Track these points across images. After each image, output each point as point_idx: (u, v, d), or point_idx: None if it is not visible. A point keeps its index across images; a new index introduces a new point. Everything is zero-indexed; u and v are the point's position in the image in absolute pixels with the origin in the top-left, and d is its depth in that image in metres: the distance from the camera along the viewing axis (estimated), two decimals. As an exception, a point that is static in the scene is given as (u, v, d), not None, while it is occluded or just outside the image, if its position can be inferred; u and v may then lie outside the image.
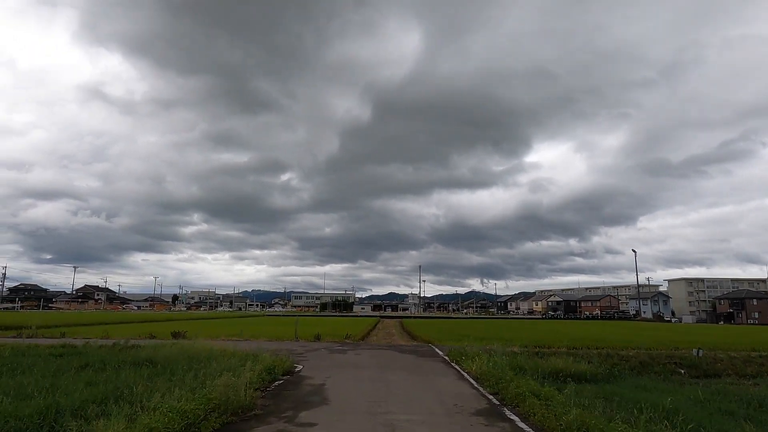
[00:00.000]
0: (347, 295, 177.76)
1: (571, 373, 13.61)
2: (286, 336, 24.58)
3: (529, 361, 14.34)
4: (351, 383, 11.07)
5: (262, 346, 19.25)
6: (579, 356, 17.02)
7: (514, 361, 13.64)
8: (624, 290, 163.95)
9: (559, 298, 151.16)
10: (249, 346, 18.03)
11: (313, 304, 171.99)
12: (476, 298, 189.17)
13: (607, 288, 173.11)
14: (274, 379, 11.13)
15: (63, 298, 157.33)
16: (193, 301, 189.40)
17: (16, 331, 24.40)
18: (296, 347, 19.42)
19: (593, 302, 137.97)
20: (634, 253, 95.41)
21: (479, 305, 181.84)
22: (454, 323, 54.88)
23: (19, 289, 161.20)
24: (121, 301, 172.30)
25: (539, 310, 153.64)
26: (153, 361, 13.39)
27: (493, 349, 16.07)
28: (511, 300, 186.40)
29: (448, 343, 23.38)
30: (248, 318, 65.07)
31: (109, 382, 10.19)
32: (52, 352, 15.99)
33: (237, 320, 52.47)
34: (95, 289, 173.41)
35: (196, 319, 52.95)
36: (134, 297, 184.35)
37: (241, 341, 22.19)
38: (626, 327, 50.66)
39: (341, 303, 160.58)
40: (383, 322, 63.65)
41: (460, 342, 23.68)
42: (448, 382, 11.68)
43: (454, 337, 27.54)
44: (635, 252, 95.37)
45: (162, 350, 14.76)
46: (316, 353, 17.40)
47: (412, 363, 15.18)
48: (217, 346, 16.18)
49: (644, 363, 17.22)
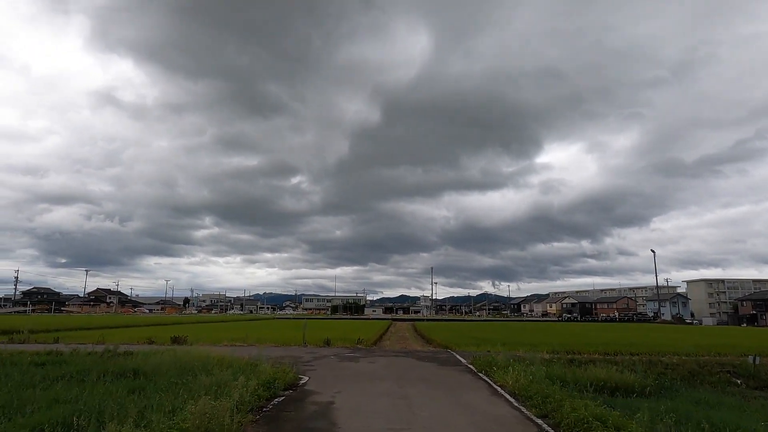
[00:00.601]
0: (358, 298, 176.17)
1: (617, 384, 11.82)
2: (293, 341, 22.93)
3: (566, 370, 12.54)
4: (365, 400, 9.31)
5: (266, 352, 17.60)
6: (617, 363, 15.14)
7: (550, 371, 11.84)
8: (640, 292, 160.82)
9: (573, 300, 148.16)
10: (251, 353, 16.38)
11: (324, 306, 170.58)
12: (488, 301, 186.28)
13: (623, 290, 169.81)
14: (273, 395, 9.41)
15: (75, 302, 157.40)
16: (205, 304, 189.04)
17: (8, 336, 23.03)
18: (303, 354, 17.74)
19: (609, 304, 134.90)
20: (652, 254, 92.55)
21: (492, 307, 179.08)
22: (468, 326, 52.93)
23: (32, 292, 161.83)
24: (133, 305, 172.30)
25: (553, 312, 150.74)
26: (139, 371, 11.83)
27: (522, 357, 14.31)
28: (525, 302, 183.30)
29: (468, 349, 21.58)
30: (257, 321, 63.68)
31: (79, 399, 8.60)
32: (34, 360, 14.51)
33: (245, 324, 51.02)
34: (107, 292, 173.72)
35: (204, 323, 51.60)
36: (146, 300, 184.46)
37: (244, 347, 20.58)
38: (650, 330, 48.34)
39: (352, 305, 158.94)
40: (395, 325, 61.87)
41: (481, 347, 21.90)
42: (481, 399, 9.88)
43: (472, 341, 25.72)
44: (654, 252, 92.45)
45: (153, 358, 13.17)
46: (324, 361, 15.69)
47: (433, 373, 13.34)
48: (216, 353, 14.58)
49: (693, 372, 15.31)
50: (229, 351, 17.55)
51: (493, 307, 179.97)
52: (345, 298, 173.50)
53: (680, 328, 59.79)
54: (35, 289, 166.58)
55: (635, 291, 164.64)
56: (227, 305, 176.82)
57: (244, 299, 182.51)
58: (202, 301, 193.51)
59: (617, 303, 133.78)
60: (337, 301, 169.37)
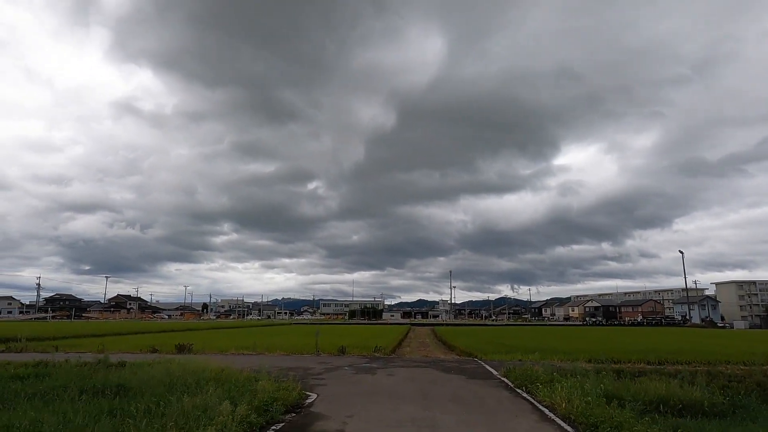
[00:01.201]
0: (376, 303, 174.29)
1: (681, 402, 9.90)
2: (306, 348, 21.30)
3: (618, 384, 10.64)
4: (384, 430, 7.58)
5: (273, 363, 16.00)
6: (673, 375, 13.13)
7: (602, 386, 9.96)
8: (666, 294, 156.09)
9: (596, 304, 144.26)
10: (258, 364, 14.78)
11: (342, 311, 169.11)
12: (508, 305, 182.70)
13: (648, 292, 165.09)
14: (270, 420, 7.70)
15: (96, 308, 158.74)
16: (223, 309, 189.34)
17: (5, 345, 21.85)
18: (314, 364, 16.07)
19: (634, 307, 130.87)
20: (680, 254, 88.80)
21: (512, 311, 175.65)
22: (491, 331, 50.78)
23: (55, 299, 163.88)
24: (153, 311, 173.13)
25: (576, 316, 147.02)
26: (124, 387, 10.30)
27: (562, 367, 12.43)
28: (546, 305, 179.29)
29: (497, 357, 19.69)
30: (273, 327, 62.33)
31: (35, 426, 7.07)
32: (18, 372, 13.13)
33: (260, 330, 49.66)
34: (127, 298, 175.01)
35: (218, 329, 50.40)
36: (166, 306, 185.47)
37: (252, 356, 19.03)
38: (684, 334, 45.59)
39: (370, 310, 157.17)
40: (414, 330, 59.99)
41: (510, 355, 19.99)
42: (529, 428, 7.93)
43: (499, 348, 23.79)
44: (682, 253, 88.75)
45: (143, 372, 11.64)
46: (337, 373, 13.97)
47: (464, 389, 11.42)
48: (217, 363, 12.99)
49: (762, 384, 13.19)
50: (233, 361, 15.99)
51: (513, 311, 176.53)
52: (363, 302, 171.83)
53: (715, 332, 56.72)
54: (57, 295, 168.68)
55: (661, 294, 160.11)
56: (246, 311, 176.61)
57: (261, 305, 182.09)
58: (221, 307, 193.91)
59: (642, 306, 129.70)
60: (354, 305, 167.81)
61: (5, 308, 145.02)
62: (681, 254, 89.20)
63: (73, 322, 75.37)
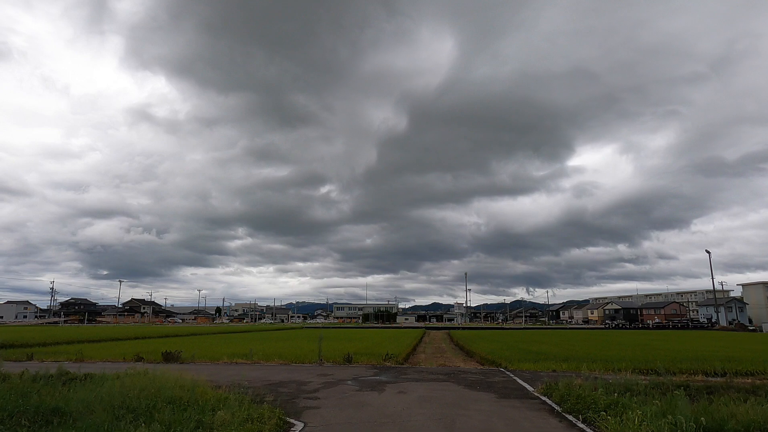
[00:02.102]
0: (390, 306, 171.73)
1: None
2: (309, 356, 18.96)
3: (699, 408, 8.11)
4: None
5: (265, 374, 13.68)
6: (749, 391, 10.53)
7: (691, 414, 7.43)
8: (689, 296, 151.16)
9: (617, 306, 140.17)
10: (246, 375, 12.49)
11: (356, 315, 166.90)
12: (524, 307, 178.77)
13: (669, 294, 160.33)
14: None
15: (111, 312, 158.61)
16: (237, 313, 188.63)
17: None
18: (312, 377, 13.68)
19: (656, 310, 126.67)
20: (708, 254, 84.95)
21: (528, 314, 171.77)
22: (510, 335, 47.99)
23: (70, 303, 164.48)
24: (167, 315, 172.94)
25: (595, 319, 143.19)
26: (60, 411, 8.06)
27: (608, 379, 9.91)
28: (563, 308, 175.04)
29: (525, 366, 17.14)
30: (282, 331, 60.24)
31: None
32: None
33: (267, 334, 47.52)
34: (141, 302, 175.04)
35: (221, 334, 48.38)
36: (180, 310, 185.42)
37: (246, 365, 16.74)
38: (718, 338, 42.33)
39: (384, 314, 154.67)
40: (429, 334, 57.46)
41: (539, 364, 17.43)
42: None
43: (524, 355, 21.17)
44: (709, 253, 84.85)
45: (94, 391, 9.37)
46: (337, 390, 11.55)
47: (500, 418, 8.58)
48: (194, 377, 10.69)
49: None
50: (219, 372, 13.72)
51: (529, 314, 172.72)
52: (376, 306, 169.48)
53: (749, 336, 53.17)
54: (72, 300, 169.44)
55: (683, 296, 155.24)
56: (260, 314, 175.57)
57: (274, 308, 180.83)
58: (235, 311, 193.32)
59: (665, 309, 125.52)
60: (368, 309, 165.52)
61: (21, 312, 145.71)
62: (708, 254, 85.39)
63: (82, 327, 74.05)
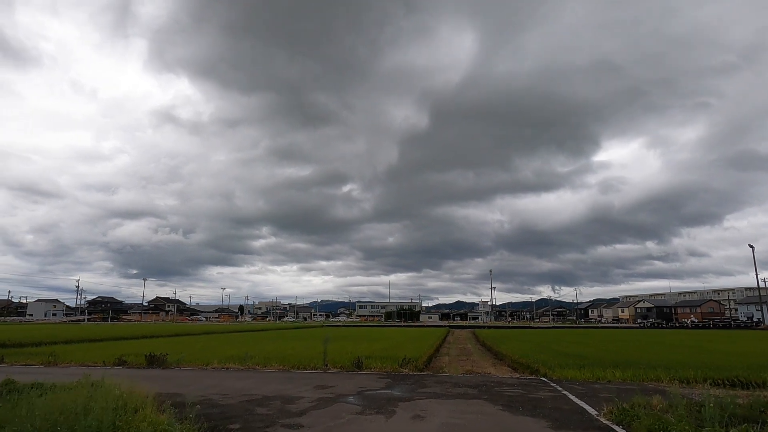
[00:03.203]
0: (413, 304, 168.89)
1: None
2: (315, 360, 16.38)
3: None
4: None
5: (251, 386, 11.16)
6: None
7: None
8: (726, 294, 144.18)
9: (649, 304, 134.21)
10: (226, 387, 10.00)
11: (378, 313, 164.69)
12: (551, 306, 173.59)
13: (705, 292, 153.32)
14: None
15: (136, 310, 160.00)
16: (260, 312, 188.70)
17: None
18: (307, 390, 11.01)
19: (692, 308, 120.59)
20: (751, 249, 79.58)
21: (555, 313, 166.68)
22: (539, 334, 44.73)
23: (97, 301, 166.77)
24: (191, 312, 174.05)
25: (626, 318, 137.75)
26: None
27: (692, 398, 7.11)
28: (592, 306, 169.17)
29: (569, 374, 14.21)
30: (302, 330, 58.08)
31: None
32: None
33: (281, 333, 45.34)
34: (166, 300, 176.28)
35: (237, 332, 46.40)
36: (205, 308, 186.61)
37: (235, 372, 14.27)
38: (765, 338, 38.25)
39: (407, 312, 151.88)
40: (453, 333, 54.52)
41: (587, 372, 14.46)
42: None
43: (563, 358, 18.19)
44: (752, 247, 79.50)
45: (13, 410, 6.99)
46: (330, 412, 8.67)
47: None
48: (143, 393, 8.25)
49: None
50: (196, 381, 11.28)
51: (556, 313, 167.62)
52: (399, 304, 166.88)
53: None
54: (99, 298, 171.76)
55: (719, 293, 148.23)
56: (282, 312, 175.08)
57: (296, 307, 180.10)
58: (258, 309, 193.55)
59: (701, 307, 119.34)
60: (391, 307, 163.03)
61: (50, 311, 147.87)
62: (751, 248, 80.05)
63: (102, 325, 73.48)
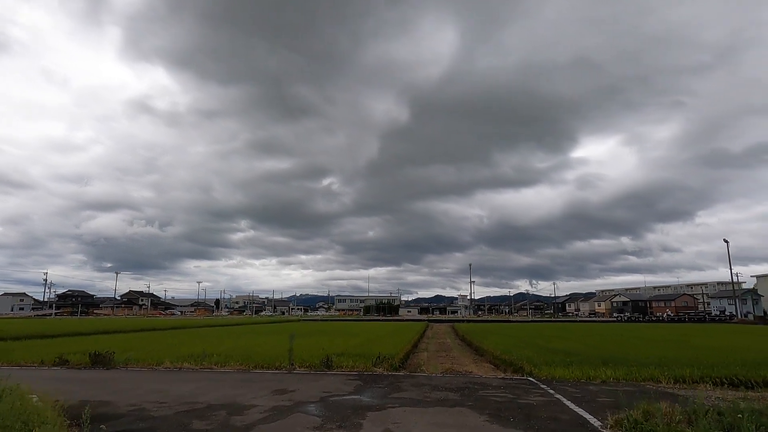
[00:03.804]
0: (392, 298, 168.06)
1: None
2: (281, 358, 14.84)
3: None
4: None
5: (197, 391, 9.61)
6: None
7: None
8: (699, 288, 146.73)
9: (625, 298, 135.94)
10: (168, 393, 8.44)
11: (357, 307, 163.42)
12: (529, 300, 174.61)
13: (679, 286, 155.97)
14: None
15: (108, 304, 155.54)
16: (238, 305, 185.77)
17: None
18: (261, 398, 9.46)
19: (666, 302, 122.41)
20: (726, 243, 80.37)
21: (533, 307, 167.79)
22: (520, 329, 43.89)
23: (67, 295, 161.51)
24: (166, 307, 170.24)
25: (602, 312, 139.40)
26: None
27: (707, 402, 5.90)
28: (569, 301, 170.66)
29: (558, 373, 12.96)
30: (277, 324, 56.32)
31: None
32: None
33: (257, 327, 43.54)
34: (140, 294, 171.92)
35: (207, 327, 44.45)
36: (181, 302, 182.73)
37: (189, 372, 12.68)
38: (754, 333, 38.03)
39: (386, 306, 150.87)
40: (432, 327, 53.42)
41: (576, 370, 13.26)
42: None
43: (549, 355, 17.01)
44: (727, 242, 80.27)
45: None
46: (284, 426, 7.03)
47: None
48: (52, 403, 6.67)
49: None
50: (137, 385, 9.67)
51: (534, 307, 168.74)
52: (379, 298, 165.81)
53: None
54: (69, 291, 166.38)
55: (693, 287, 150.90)
56: (260, 307, 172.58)
57: (274, 301, 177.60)
58: (236, 303, 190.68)
59: (675, 301, 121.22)
60: (370, 301, 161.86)
61: (17, 305, 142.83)
62: (726, 243, 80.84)
63: (67, 320, 70.51)
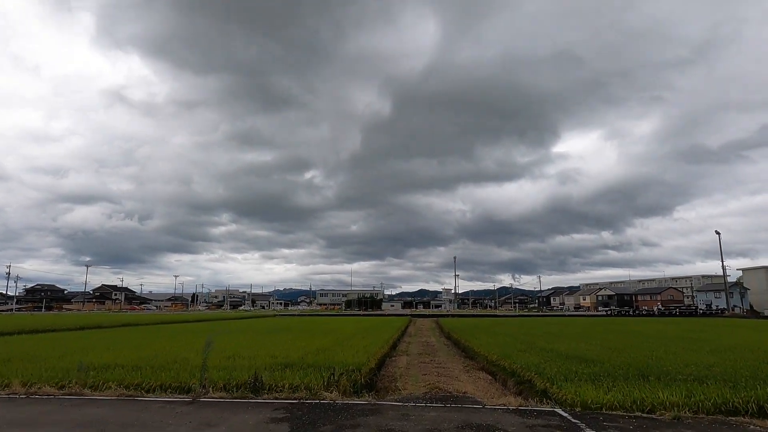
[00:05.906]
0: (375, 292, 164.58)
1: None
2: (196, 371, 10.80)
3: None
4: None
5: None
6: None
7: None
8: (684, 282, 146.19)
9: (610, 292, 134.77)
10: None
11: (340, 301, 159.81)
12: (513, 294, 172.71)
13: (664, 280, 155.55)
14: None
15: (79, 299, 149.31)
16: (216, 300, 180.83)
17: None
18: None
19: (652, 296, 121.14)
20: (717, 235, 78.28)
21: (517, 301, 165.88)
22: (507, 324, 40.41)
23: (36, 289, 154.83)
24: (141, 301, 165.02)
25: (587, 306, 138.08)
26: None
27: None
28: (554, 295, 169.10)
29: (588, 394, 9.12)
30: (249, 320, 52.05)
31: None
32: None
33: (221, 324, 39.32)
34: (113, 288, 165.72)
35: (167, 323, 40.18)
36: (158, 297, 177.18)
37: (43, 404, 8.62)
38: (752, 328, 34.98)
39: (368, 300, 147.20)
40: (416, 323, 49.76)
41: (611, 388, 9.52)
42: None
43: (561, 361, 13.29)
44: (719, 234, 78.23)
45: None
46: None
47: None
48: None
49: None
50: None
51: (519, 301, 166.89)
52: (362, 292, 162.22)
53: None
54: (38, 286, 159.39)
55: (677, 281, 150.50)
56: (239, 301, 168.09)
57: (253, 295, 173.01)
58: (215, 297, 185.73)
59: (661, 294, 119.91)
60: (352, 295, 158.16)
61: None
62: (717, 234, 78.71)
63: (22, 315, 65.26)
